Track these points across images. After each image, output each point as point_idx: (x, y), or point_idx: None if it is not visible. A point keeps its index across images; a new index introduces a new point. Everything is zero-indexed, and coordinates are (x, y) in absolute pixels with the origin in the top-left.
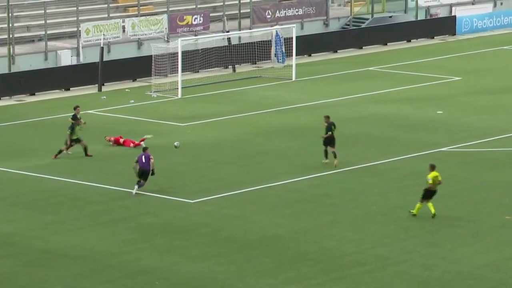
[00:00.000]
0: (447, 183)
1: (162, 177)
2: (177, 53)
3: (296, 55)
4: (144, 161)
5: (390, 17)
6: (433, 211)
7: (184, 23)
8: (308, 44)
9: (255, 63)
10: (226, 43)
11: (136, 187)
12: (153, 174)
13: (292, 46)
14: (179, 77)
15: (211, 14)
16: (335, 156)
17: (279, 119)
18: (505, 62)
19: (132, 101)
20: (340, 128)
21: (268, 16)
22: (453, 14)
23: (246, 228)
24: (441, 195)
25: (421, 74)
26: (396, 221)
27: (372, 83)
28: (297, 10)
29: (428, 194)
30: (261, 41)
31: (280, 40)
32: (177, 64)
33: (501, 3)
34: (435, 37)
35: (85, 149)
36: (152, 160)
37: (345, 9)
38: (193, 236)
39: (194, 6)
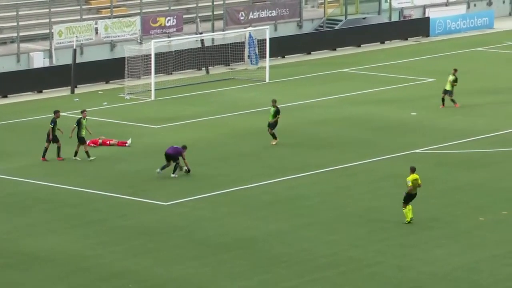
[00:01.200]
0: (422, 184)
1: (136, 179)
2: (150, 55)
3: (270, 56)
4: (172, 147)
5: (364, 18)
6: (410, 215)
7: (157, 24)
8: (282, 46)
9: (229, 65)
10: (199, 45)
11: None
12: (188, 171)
13: (265, 48)
14: (152, 79)
15: (184, 16)
16: (274, 137)
17: (253, 121)
18: (479, 63)
19: (105, 103)
20: (314, 130)
21: (241, 18)
22: (426, 15)
23: (220, 230)
24: (416, 196)
25: (395, 76)
26: (371, 223)
27: (346, 85)
28: (270, 11)
29: (409, 197)
30: (234, 42)
31: (253, 42)
32: (150, 66)
33: (475, 5)
34: (408, 39)
35: (58, 150)
36: (185, 160)
37: (319, 10)
38: (167, 239)
39: (167, 8)
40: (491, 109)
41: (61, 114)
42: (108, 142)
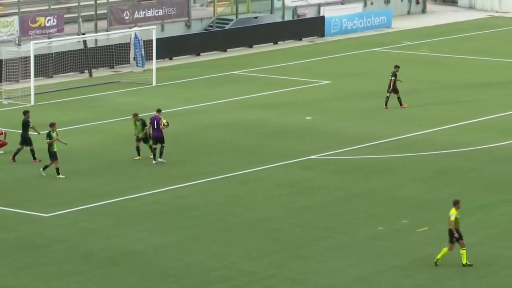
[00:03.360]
0: (317, 192)
1: (15, 189)
2: (29, 57)
3: (157, 58)
4: (155, 127)
5: (256, 17)
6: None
7: (37, 25)
8: (169, 47)
9: (113, 67)
10: (81, 46)
11: (153, 160)
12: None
13: (152, 49)
14: (32, 82)
15: (65, 16)
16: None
17: None
18: (376, 64)
19: None
20: (204, 136)
21: (126, 17)
22: (321, 14)
23: (105, 243)
24: (311, 206)
25: (289, 78)
26: (264, 234)
27: (237, 88)
28: (157, 10)
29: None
30: (119, 44)
31: (139, 43)
32: (30, 69)
33: (372, 3)
34: (303, 39)
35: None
36: (161, 126)
37: (208, 9)
38: (48, 252)
39: (47, 7)
40: (390, 113)
41: None
42: None
